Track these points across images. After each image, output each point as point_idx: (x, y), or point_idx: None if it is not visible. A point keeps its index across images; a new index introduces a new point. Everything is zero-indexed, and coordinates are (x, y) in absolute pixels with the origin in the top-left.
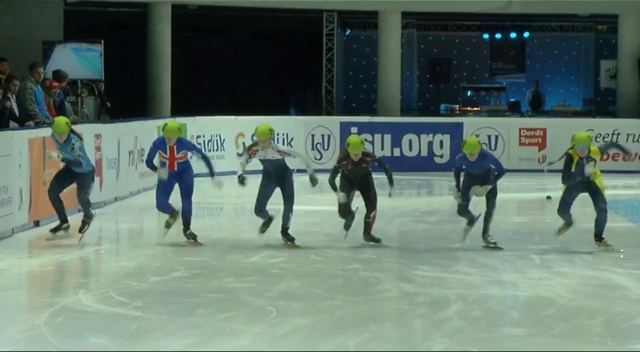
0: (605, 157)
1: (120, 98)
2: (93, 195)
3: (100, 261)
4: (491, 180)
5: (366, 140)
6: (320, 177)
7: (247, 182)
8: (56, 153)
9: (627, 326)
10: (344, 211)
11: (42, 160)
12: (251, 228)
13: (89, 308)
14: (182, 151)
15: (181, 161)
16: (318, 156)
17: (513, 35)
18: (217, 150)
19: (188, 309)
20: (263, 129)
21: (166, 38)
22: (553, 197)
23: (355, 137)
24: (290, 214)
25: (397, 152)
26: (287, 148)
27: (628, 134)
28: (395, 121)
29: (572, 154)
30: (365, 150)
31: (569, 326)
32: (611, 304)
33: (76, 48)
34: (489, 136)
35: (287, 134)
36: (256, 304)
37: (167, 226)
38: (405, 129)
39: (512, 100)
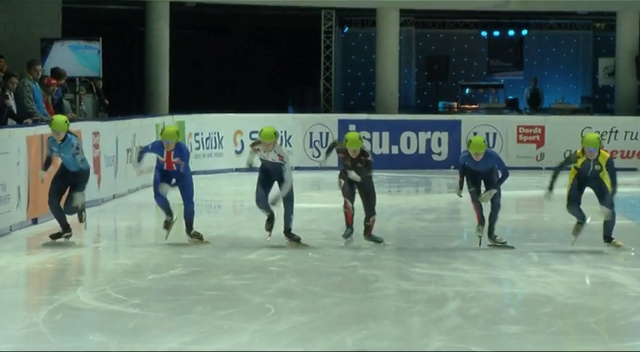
0: None
1: (118, 96)
2: (91, 193)
3: (98, 259)
4: (495, 184)
5: (365, 137)
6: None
7: (255, 164)
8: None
9: (625, 323)
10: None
11: (40, 158)
12: (249, 226)
13: (87, 305)
14: (177, 158)
15: (178, 163)
16: (316, 153)
17: (511, 33)
18: (215, 147)
19: (186, 307)
20: (268, 132)
21: (164, 36)
22: (556, 193)
23: (354, 133)
24: (291, 215)
25: (395, 149)
26: (286, 158)
27: (626, 131)
28: (393, 119)
29: (578, 154)
30: (363, 147)
31: (566, 323)
32: (608, 301)
33: (74, 45)
34: (487, 134)
35: (285, 132)
36: (254, 301)
37: (166, 226)
38: (403, 126)
39: (510, 98)
